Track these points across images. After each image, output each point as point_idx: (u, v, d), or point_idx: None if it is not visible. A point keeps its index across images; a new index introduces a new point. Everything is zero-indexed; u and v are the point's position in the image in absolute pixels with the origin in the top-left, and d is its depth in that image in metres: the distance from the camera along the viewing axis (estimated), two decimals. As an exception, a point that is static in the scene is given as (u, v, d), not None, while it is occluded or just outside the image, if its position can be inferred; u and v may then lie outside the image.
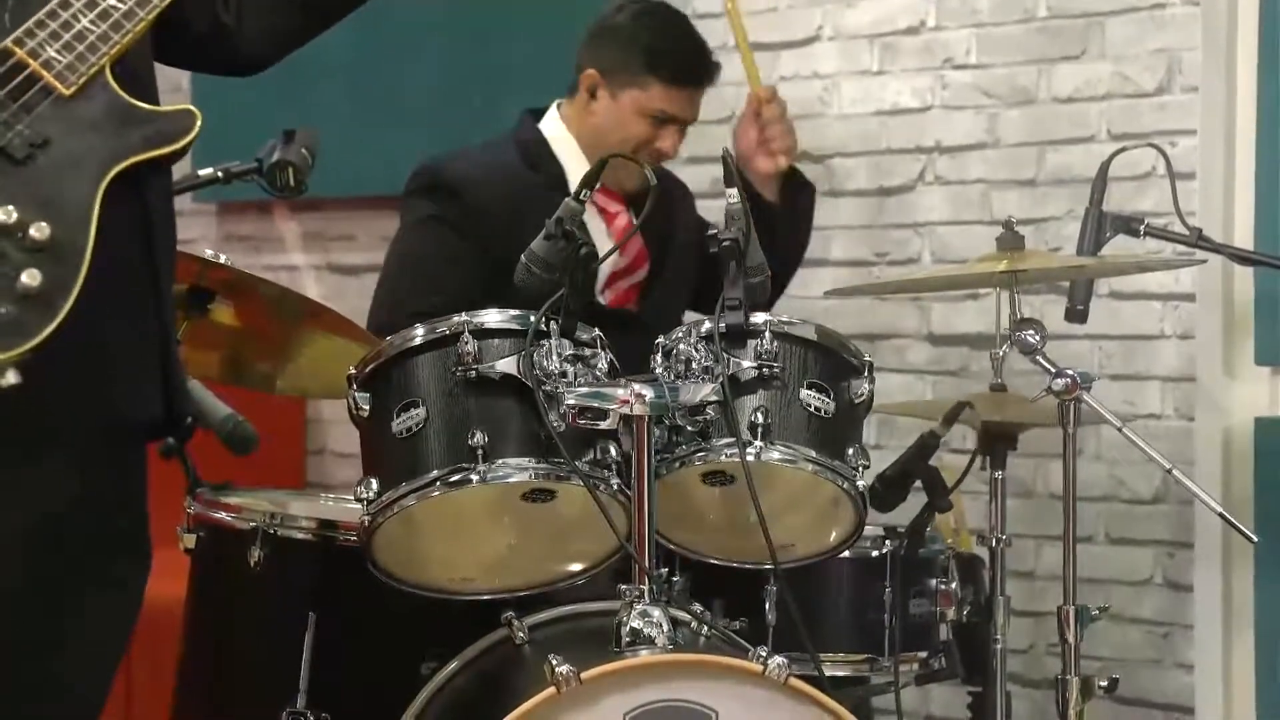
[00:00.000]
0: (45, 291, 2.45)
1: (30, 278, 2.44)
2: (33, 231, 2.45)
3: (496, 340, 2.99)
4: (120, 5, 2.56)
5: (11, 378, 2.43)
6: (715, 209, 3.99)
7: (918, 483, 3.58)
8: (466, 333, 2.97)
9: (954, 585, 3.61)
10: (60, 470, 2.60)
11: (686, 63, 4.05)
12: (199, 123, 2.59)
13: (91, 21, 2.55)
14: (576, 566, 3.14)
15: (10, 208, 2.46)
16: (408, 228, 4.05)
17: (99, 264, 2.49)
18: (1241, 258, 3.99)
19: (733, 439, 2.97)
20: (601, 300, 4.01)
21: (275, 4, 2.80)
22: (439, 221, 3.97)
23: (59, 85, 2.52)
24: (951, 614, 3.63)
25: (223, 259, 3.51)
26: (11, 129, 2.49)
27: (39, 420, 2.53)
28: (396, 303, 3.91)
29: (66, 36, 2.53)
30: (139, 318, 2.65)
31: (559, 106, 4.10)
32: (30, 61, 2.51)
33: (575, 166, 4.01)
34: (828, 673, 3.32)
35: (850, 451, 3.08)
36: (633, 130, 4.01)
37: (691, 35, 4.12)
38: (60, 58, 2.53)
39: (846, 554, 3.31)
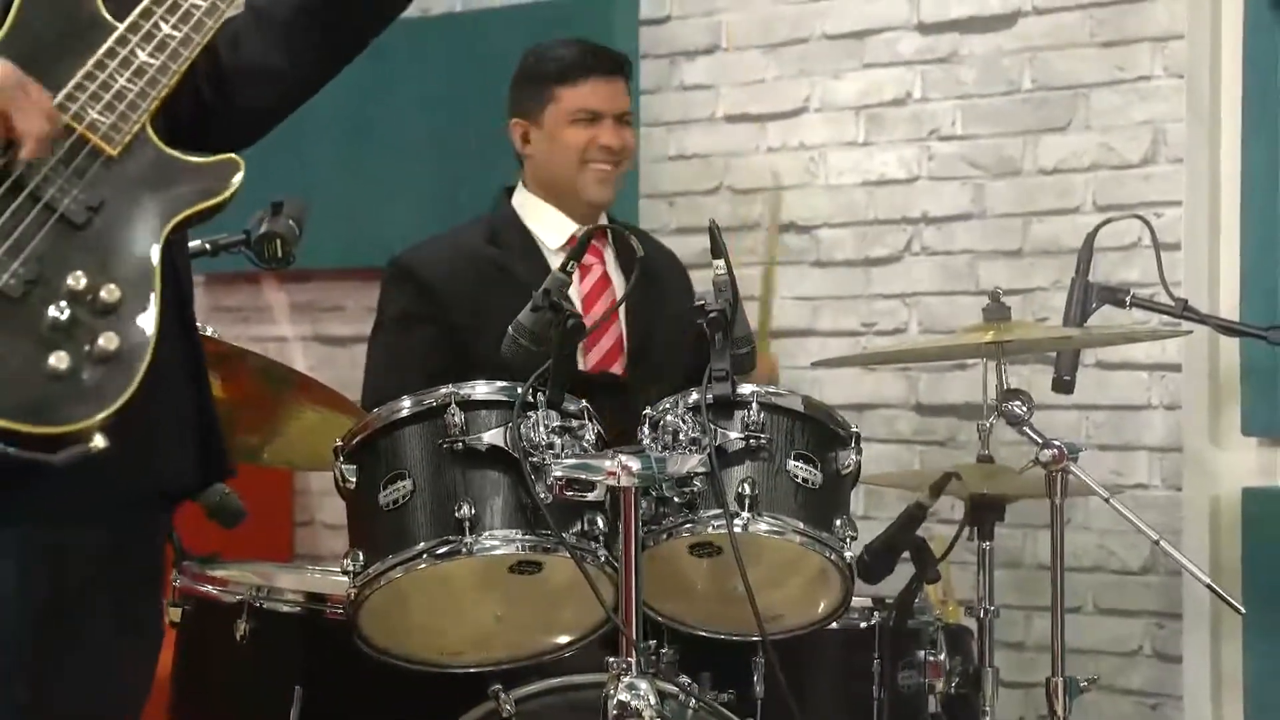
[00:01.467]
0: (122, 352, 2.46)
1: (108, 340, 2.45)
2: (103, 294, 2.47)
3: (483, 412, 2.99)
4: (153, 61, 2.57)
5: (100, 441, 2.44)
6: (702, 280, 4.01)
7: (906, 554, 3.57)
8: (453, 404, 2.97)
9: (942, 657, 3.60)
10: (101, 537, 2.60)
11: (582, 58, 4.07)
12: (242, 171, 2.61)
13: (128, 80, 2.56)
14: (564, 638, 3.13)
15: (79, 273, 2.47)
16: (383, 324, 4.07)
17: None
18: (1227, 328, 3.99)
19: (720, 510, 2.97)
20: (581, 362, 4.01)
21: (262, 78, 2.80)
22: (410, 316, 4.01)
23: (106, 146, 2.54)
24: (940, 686, 3.61)
25: (210, 331, 3.51)
26: (68, 194, 2.50)
27: (87, 488, 2.52)
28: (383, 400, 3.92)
29: (107, 97, 2.55)
30: (179, 380, 2.66)
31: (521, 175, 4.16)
32: (76, 125, 2.53)
33: (545, 225, 4.04)
34: (816, 745, 3.31)
35: (838, 522, 3.08)
36: (569, 142, 4.02)
37: (583, 42, 4.15)
38: (104, 119, 2.54)
39: (834, 625, 3.30)
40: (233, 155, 2.63)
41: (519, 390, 2.97)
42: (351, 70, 3.07)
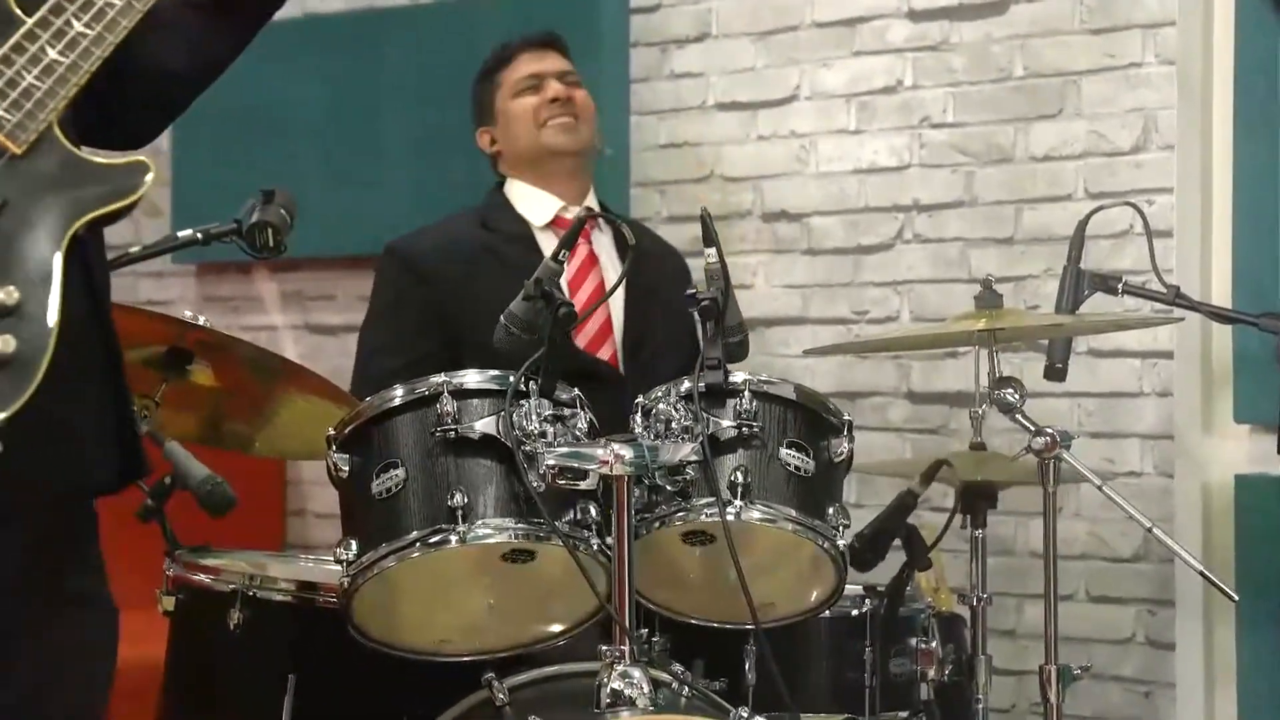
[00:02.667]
0: (18, 356, 2.41)
1: (4, 344, 2.41)
2: (1, 296, 2.43)
3: (476, 400, 2.98)
4: (62, 59, 2.52)
5: None
6: (693, 268, 4.00)
7: (897, 541, 3.57)
8: (446, 393, 2.96)
9: (935, 644, 3.60)
10: (18, 538, 2.58)
11: (511, 42, 4.27)
12: (151, 173, 2.55)
13: (36, 77, 2.51)
14: (557, 627, 3.13)
15: None
16: (375, 310, 4.17)
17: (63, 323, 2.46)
18: (1219, 315, 3.99)
19: (713, 499, 2.96)
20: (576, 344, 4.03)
21: (157, 76, 2.76)
22: (401, 301, 4.08)
23: (10, 144, 2.49)
24: (933, 673, 3.61)
25: (201, 320, 3.50)
26: None
27: (4, 487, 2.50)
28: (376, 383, 3.91)
29: (13, 94, 2.49)
30: (92, 379, 2.62)
31: None
32: None
33: (531, 206, 4.15)
34: (809, 733, 3.32)
35: (830, 510, 3.08)
36: (520, 110, 4.19)
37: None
38: (9, 116, 2.49)
39: (826, 613, 3.30)
40: (142, 158, 2.56)
41: (511, 379, 2.97)
42: (342, 59, 3.06)
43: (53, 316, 2.44)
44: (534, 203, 4.13)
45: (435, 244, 4.13)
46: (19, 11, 2.53)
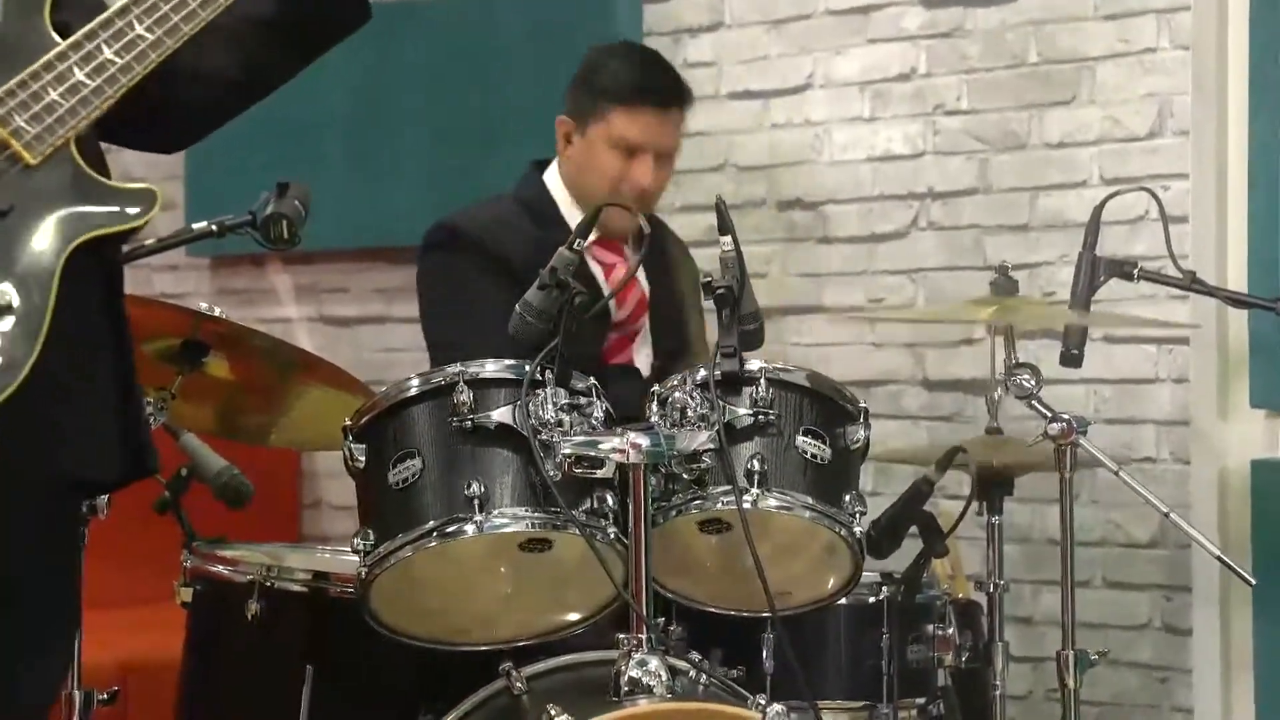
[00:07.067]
0: (6, 355, 2.45)
1: None
2: None
3: (492, 390, 2.99)
4: (88, 82, 2.57)
5: None
6: (709, 257, 4.00)
7: (913, 528, 3.57)
8: (462, 383, 2.97)
9: (952, 631, 3.60)
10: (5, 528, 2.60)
11: (642, 84, 3.98)
12: (159, 203, 2.61)
13: (61, 95, 2.56)
14: (574, 616, 3.13)
15: None
16: (438, 279, 3.99)
17: (60, 330, 2.50)
18: (1235, 300, 3.99)
19: (729, 487, 2.97)
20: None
21: (211, 79, 2.78)
22: (469, 267, 3.90)
23: (26, 154, 2.54)
24: (949, 660, 3.61)
25: (217, 312, 3.51)
26: None
27: None
28: (461, 350, 3.77)
29: (36, 108, 2.55)
30: (96, 381, 2.64)
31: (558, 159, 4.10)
32: (1, 129, 2.53)
33: (572, 216, 3.98)
34: (826, 720, 3.32)
35: (847, 498, 3.08)
36: (603, 165, 3.95)
37: (649, 60, 4.08)
38: (29, 128, 2.54)
39: (843, 601, 3.30)
40: (151, 187, 2.62)
41: (527, 368, 2.97)
42: (357, 52, 3.06)
43: (43, 325, 2.48)
44: (572, 216, 3.95)
45: (495, 227, 3.95)
46: (55, 35, 2.57)
